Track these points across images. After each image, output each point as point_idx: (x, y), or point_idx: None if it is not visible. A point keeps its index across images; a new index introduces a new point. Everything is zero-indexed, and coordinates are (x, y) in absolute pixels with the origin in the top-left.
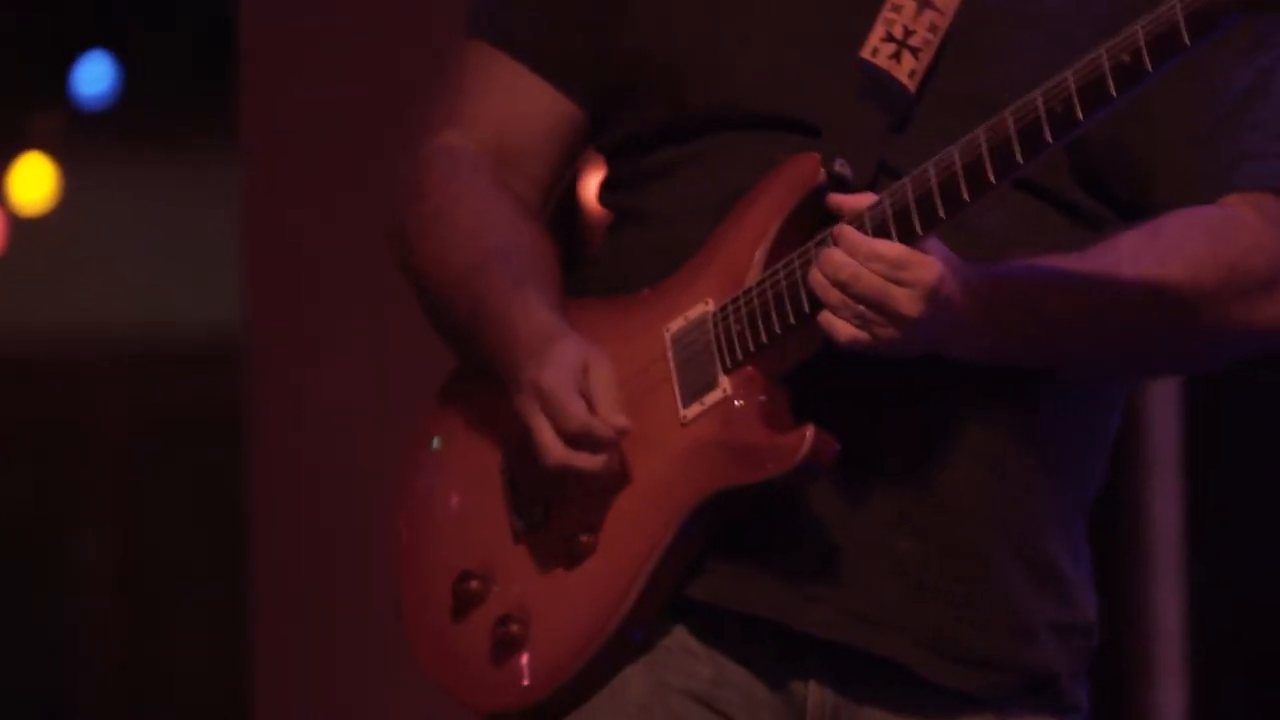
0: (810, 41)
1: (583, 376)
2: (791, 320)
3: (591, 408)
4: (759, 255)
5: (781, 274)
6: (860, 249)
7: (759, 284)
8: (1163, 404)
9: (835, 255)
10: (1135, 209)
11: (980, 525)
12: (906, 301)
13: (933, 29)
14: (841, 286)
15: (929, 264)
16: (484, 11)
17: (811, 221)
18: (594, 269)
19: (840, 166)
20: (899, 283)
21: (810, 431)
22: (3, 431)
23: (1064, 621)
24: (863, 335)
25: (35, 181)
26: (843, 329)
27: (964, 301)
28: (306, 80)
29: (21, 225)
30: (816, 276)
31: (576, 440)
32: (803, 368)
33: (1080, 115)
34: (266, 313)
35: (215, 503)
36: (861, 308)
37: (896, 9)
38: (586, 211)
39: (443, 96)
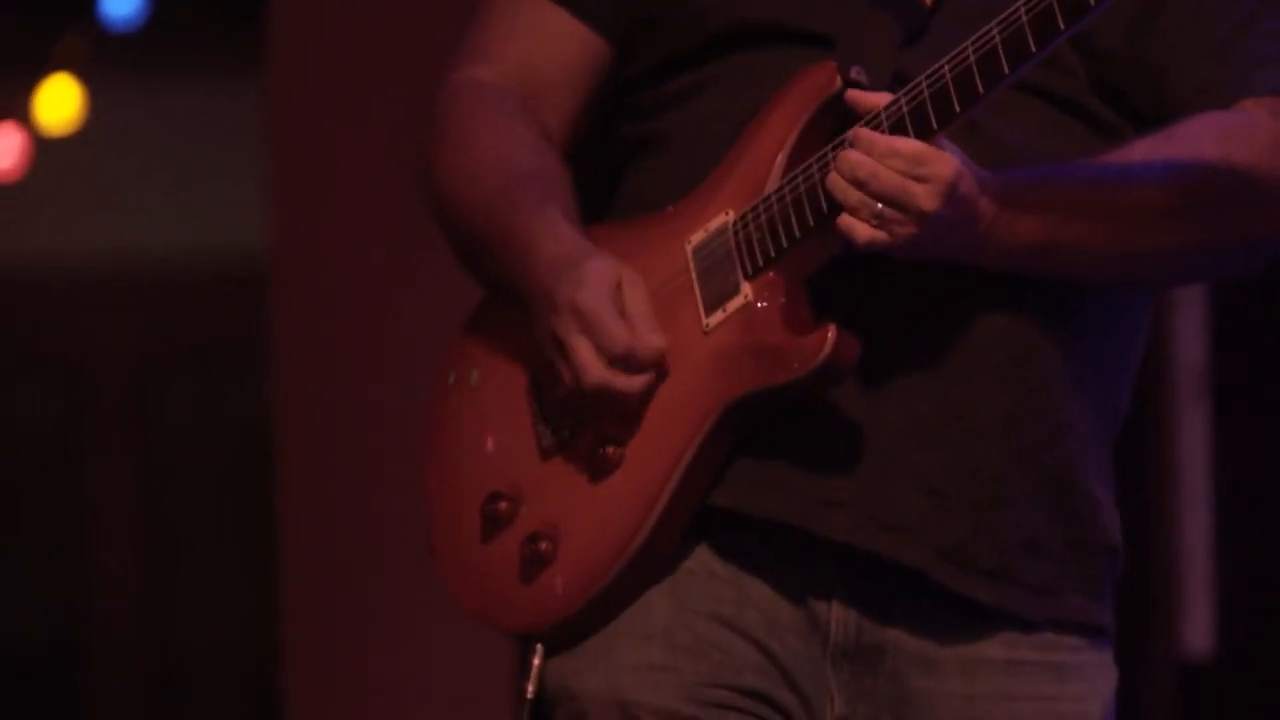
0: None
1: (619, 294)
2: (811, 223)
3: (629, 328)
4: (779, 162)
5: (800, 178)
6: (877, 146)
7: (778, 190)
8: (1189, 329)
9: (852, 155)
10: (1154, 120)
11: (997, 438)
12: (925, 196)
13: None
14: (859, 185)
15: (946, 160)
16: None
17: (830, 129)
18: (619, 197)
19: (856, 74)
20: (917, 178)
21: (832, 331)
22: (25, 354)
23: (1080, 539)
24: (881, 235)
25: (61, 103)
26: (862, 230)
27: (981, 200)
28: (333, 7)
29: (46, 147)
30: (835, 178)
31: (620, 360)
32: (825, 272)
33: (1033, 47)
34: (291, 239)
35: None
36: (880, 206)
37: None
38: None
39: (470, 33)
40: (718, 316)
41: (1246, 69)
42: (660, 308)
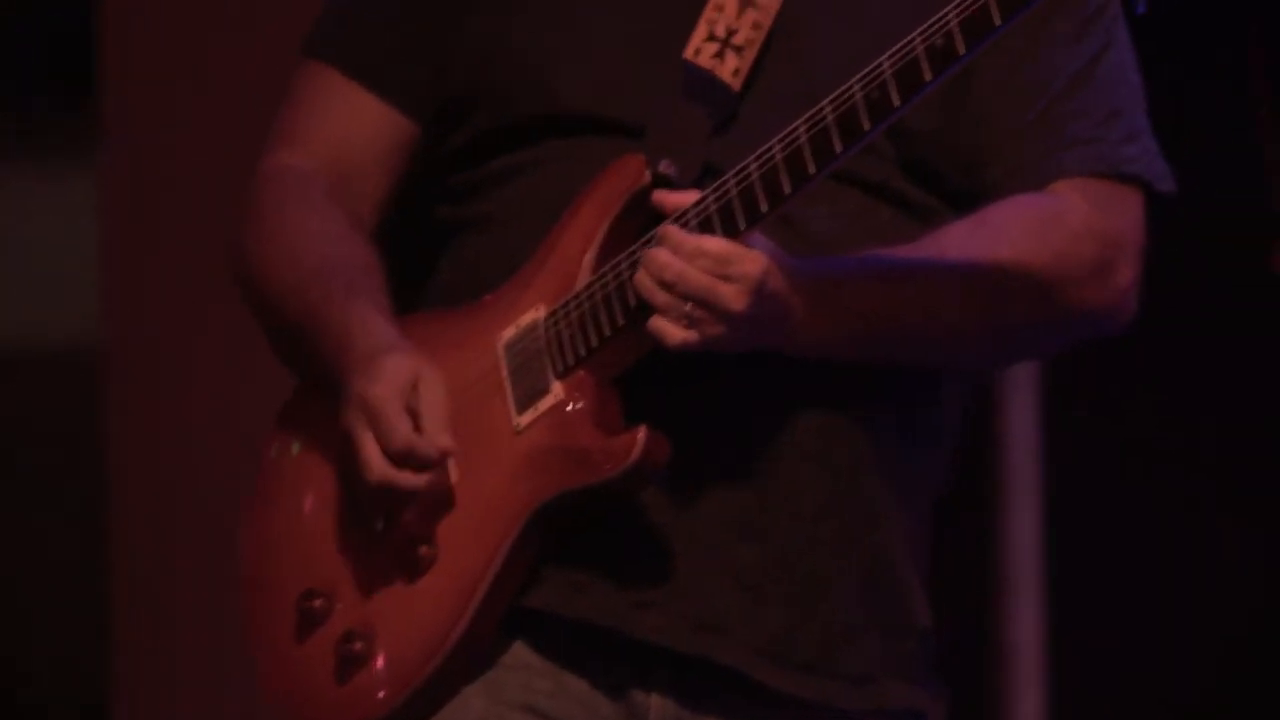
0: (635, 45)
1: (412, 393)
2: (620, 322)
3: (418, 426)
4: (588, 259)
5: (609, 276)
6: (684, 246)
7: (588, 287)
8: (1021, 417)
9: (660, 255)
10: (966, 199)
11: (812, 528)
12: (733, 296)
13: (756, 27)
14: (667, 287)
15: (755, 258)
16: (320, 31)
17: (640, 222)
18: (432, 282)
19: (665, 167)
20: (725, 278)
21: (643, 433)
22: None
23: (896, 624)
24: (691, 336)
25: None
26: (672, 332)
27: (791, 295)
28: (166, 91)
29: None
30: (642, 278)
31: (399, 458)
32: (636, 369)
33: (896, 101)
34: (122, 324)
35: (72, 516)
36: (689, 306)
37: (719, 8)
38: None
39: (281, 116)
40: (529, 416)
41: (1058, 149)
42: (470, 403)
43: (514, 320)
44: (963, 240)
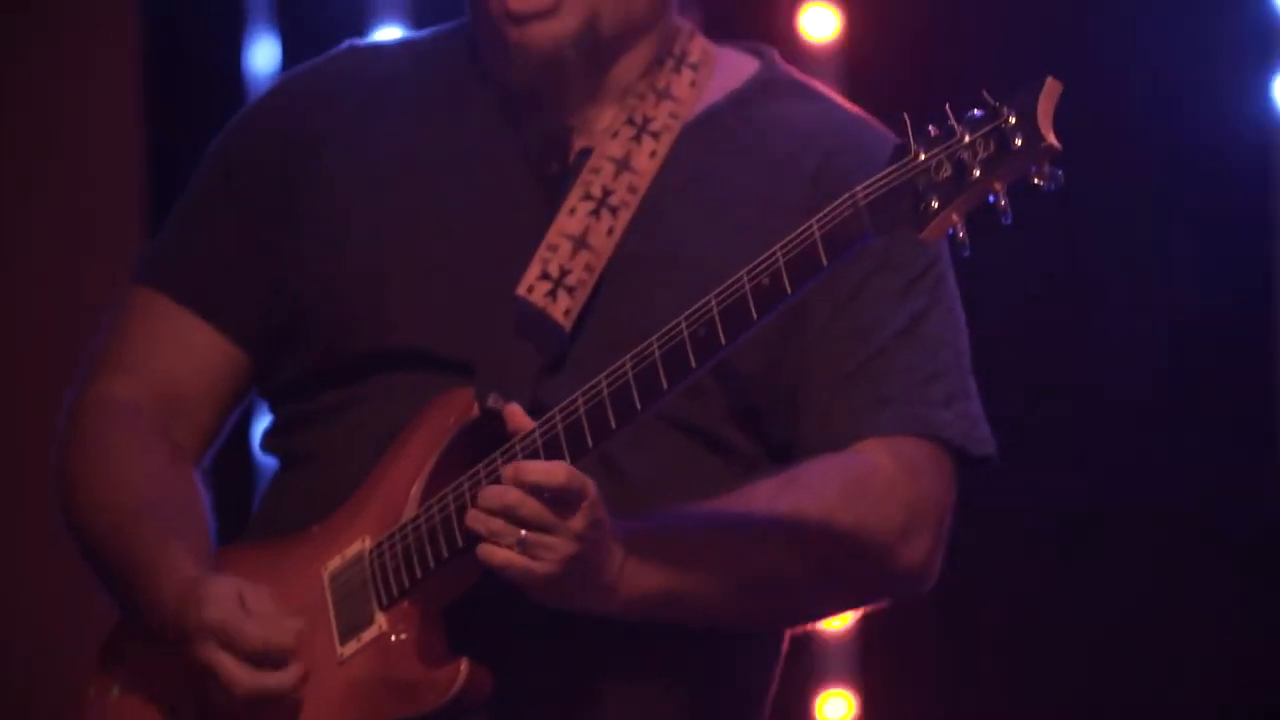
0: (468, 282)
1: (241, 604)
2: (445, 554)
3: (260, 624)
4: (415, 491)
5: (435, 509)
6: (529, 474)
7: (414, 520)
8: None
9: (496, 488)
10: (786, 449)
11: None
12: (575, 518)
13: (588, 268)
14: (505, 513)
15: (589, 484)
16: (149, 258)
17: (467, 455)
18: (260, 514)
19: (494, 401)
20: (564, 504)
21: (464, 665)
22: None
23: None
24: (519, 560)
25: None
26: (500, 554)
27: (613, 544)
28: None
29: None
30: (474, 513)
31: (261, 658)
32: (460, 601)
33: (723, 339)
34: None
35: None
36: (524, 532)
37: (553, 248)
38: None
39: (107, 340)
40: (352, 646)
41: (874, 406)
42: (300, 634)
43: (340, 550)
44: (772, 499)
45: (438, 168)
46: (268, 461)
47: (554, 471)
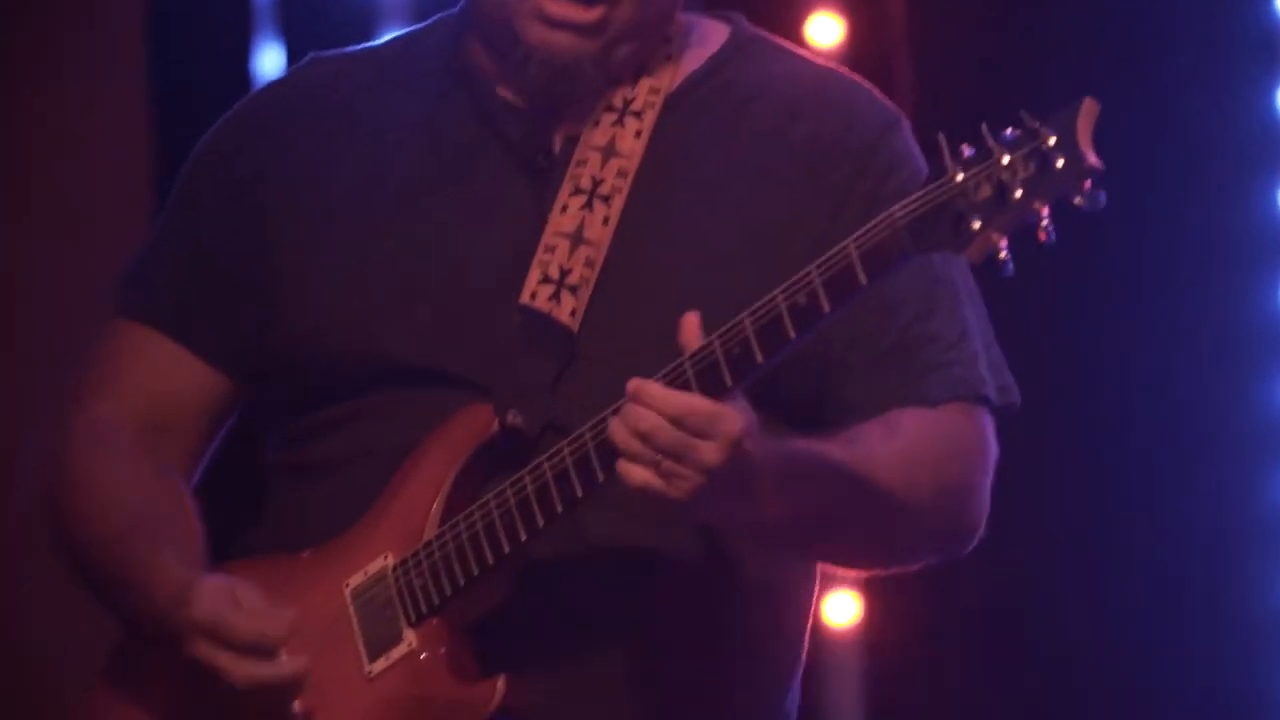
0: (469, 294)
1: (232, 599)
2: (476, 571)
3: (252, 616)
4: (435, 509)
5: (462, 526)
6: (668, 406)
7: (439, 537)
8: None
9: (639, 409)
10: (809, 410)
11: None
12: (710, 451)
13: (589, 264)
14: (643, 437)
15: (734, 416)
16: (131, 286)
17: (485, 471)
18: (264, 528)
19: (513, 417)
20: (703, 435)
21: (501, 682)
22: None
23: None
24: (656, 483)
25: None
26: (637, 474)
27: (763, 461)
28: None
29: None
30: (617, 428)
31: (253, 648)
32: (490, 615)
33: (760, 358)
34: None
35: None
36: (660, 457)
37: (550, 250)
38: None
39: (93, 366)
40: (381, 664)
41: (916, 378)
42: (321, 651)
43: (360, 566)
44: (884, 442)
45: (417, 174)
46: (262, 476)
47: (691, 404)
